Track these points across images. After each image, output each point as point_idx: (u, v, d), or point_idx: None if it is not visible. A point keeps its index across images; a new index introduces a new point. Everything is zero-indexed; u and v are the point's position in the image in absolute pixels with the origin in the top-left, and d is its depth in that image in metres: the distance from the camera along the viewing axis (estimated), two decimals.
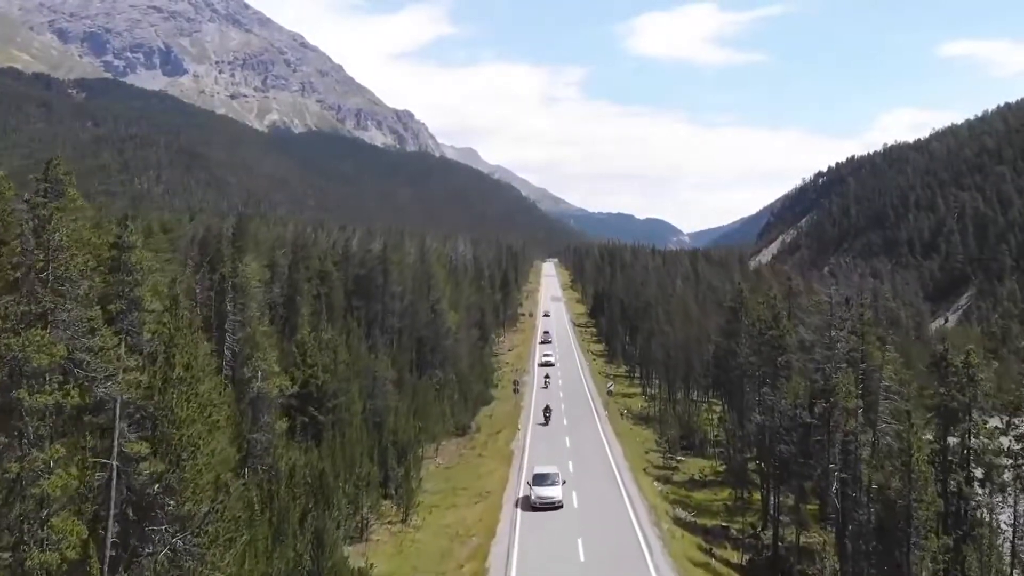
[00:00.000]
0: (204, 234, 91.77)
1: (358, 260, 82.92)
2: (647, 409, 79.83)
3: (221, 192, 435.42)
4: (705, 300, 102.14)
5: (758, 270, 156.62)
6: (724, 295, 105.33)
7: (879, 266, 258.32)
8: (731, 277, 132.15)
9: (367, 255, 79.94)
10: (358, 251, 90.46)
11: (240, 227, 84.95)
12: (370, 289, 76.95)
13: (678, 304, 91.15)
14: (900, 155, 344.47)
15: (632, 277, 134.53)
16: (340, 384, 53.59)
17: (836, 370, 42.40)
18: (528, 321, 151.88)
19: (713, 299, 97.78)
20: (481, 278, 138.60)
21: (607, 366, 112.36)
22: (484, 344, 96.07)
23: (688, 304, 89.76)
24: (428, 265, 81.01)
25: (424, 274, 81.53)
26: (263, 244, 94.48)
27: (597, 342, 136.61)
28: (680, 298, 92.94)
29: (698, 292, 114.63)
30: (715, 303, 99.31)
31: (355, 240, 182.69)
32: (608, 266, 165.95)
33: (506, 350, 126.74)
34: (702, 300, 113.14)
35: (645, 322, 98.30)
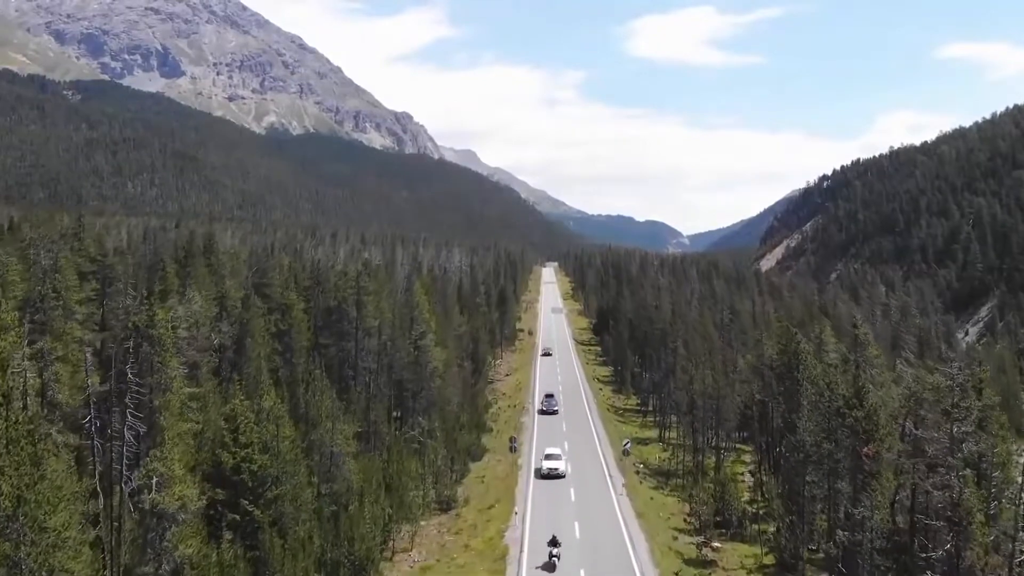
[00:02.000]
0: (153, 259, 79.04)
1: (332, 285, 70.14)
2: (667, 462, 67.20)
3: (215, 195, 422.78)
4: (729, 329, 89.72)
5: (774, 283, 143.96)
6: (752, 329, 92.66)
7: (891, 274, 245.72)
8: (750, 294, 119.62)
9: (342, 280, 67.21)
10: (332, 275, 77.64)
11: (191, 249, 72.15)
12: (342, 324, 64.32)
13: (698, 335, 78.61)
14: (907, 158, 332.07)
15: (640, 294, 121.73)
16: (284, 467, 41.00)
17: (960, 480, 29.67)
18: (527, 340, 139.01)
19: (738, 330, 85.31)
20: (477, 294, 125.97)
21: (615, 396, 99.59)
22: (477, 379, 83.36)
23: (711, 336, 77.27)
24: (412, 295, 68.29)
25: (406, 304, 68.96)
26: (223, 266, 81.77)
27: (602, 364, 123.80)
28: (701, 328, 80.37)
29: (716, 315, 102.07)
30: (739, 332, 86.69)
31: (343, 250, 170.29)
32: (613, 280, 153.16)
33: (503, 375, 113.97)
34: (722, 324, 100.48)
35: (660, 352, 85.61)
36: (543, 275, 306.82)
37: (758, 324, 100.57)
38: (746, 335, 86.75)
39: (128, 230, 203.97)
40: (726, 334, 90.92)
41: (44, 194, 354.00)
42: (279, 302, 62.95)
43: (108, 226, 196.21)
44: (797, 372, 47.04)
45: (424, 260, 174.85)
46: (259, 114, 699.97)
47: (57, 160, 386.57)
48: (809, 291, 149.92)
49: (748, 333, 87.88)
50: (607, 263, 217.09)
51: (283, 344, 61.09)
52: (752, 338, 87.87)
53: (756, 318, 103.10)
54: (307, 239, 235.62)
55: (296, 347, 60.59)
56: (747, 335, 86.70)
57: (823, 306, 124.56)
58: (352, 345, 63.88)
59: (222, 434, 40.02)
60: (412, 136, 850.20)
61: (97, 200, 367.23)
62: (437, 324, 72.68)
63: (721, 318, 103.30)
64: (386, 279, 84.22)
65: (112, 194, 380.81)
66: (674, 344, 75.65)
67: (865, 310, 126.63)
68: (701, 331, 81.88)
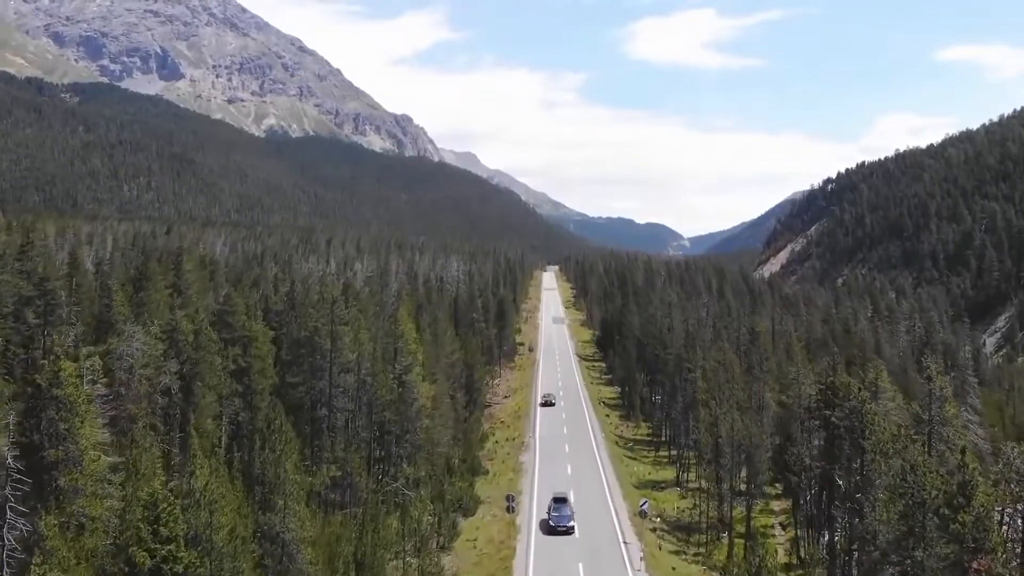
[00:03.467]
0: (134, 273, 69.72)
1: (306, 313, 61.01)
2: (687, 513, 58.23)
3: (212, 198, 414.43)
4: (748, 352, 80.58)
5: (788, 296, 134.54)
6: (772, 350, 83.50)
7: (901, 281, 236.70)
8: (765, 308, 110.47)
9: (316, 307, 58.13)
10: (309, 296, 68.54)
11: (145, 271, 63.10)
12: (314, 358, 55.33)
13: (716, 361, 69.60)
14: (914, 161, 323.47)
15: (647, 309, 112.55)
16: (220, 563, 32.06)
17: None
18: (527, 357, 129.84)
19: (759, 355, 76.14)
20: (474, 309, 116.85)
21: (623, 423, 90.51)
22: (472, 410, 74.20)
23: (731, 365, 68.21)
24: (397, 323, 59.11)
25: (390, 334, 59.91)
26: (189, 286, 72.74)
27: (607, 383, 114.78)
28: (719, 354, 71.25)
29: (732, 332, 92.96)
30: (759, 356, 77.48)
31: (336, 260, 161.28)
32: (618, 291, 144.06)
33: (501, 396, 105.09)
34: (738, 343, 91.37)
35: (675, 379, 76.53)
36: (544, 280, 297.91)
37: (778, 345, 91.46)
38: (767, 359, 77.55)
39: (116, 237, 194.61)
40: (745, 358, 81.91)
41: (39, 197, 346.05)
42: (239, 334, 53.90)
43: (93, 233, 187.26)
44: (861, 437, 37.81)
45: (420, 270, 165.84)
46: (258, 116, 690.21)
47: (53, 163, 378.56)
48: (824, 301, 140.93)
49: (770, 357, 78.66)
50: (610, 270, 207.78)
51: (245, 384, 52.07)
52: (774, 362, 78.73)
53: (775, 337, 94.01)
54: (301, 245, 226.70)
55: (258, 388, 51.58)
56: (768, 359, 77.48)
57: (843, 320, 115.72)
58: (325, 383, 54.85)
59: (138, 527, 30.95)
60: (412, 138, 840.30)
61: (93, 204, 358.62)
62: (425, 354, 63.60)
63: (737, 337, 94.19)
64: (370, 300, 75.16)
65: (108, 197, 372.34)
66: (691, 374, 66.70)
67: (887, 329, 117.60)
68: (719, 358, 72.82)
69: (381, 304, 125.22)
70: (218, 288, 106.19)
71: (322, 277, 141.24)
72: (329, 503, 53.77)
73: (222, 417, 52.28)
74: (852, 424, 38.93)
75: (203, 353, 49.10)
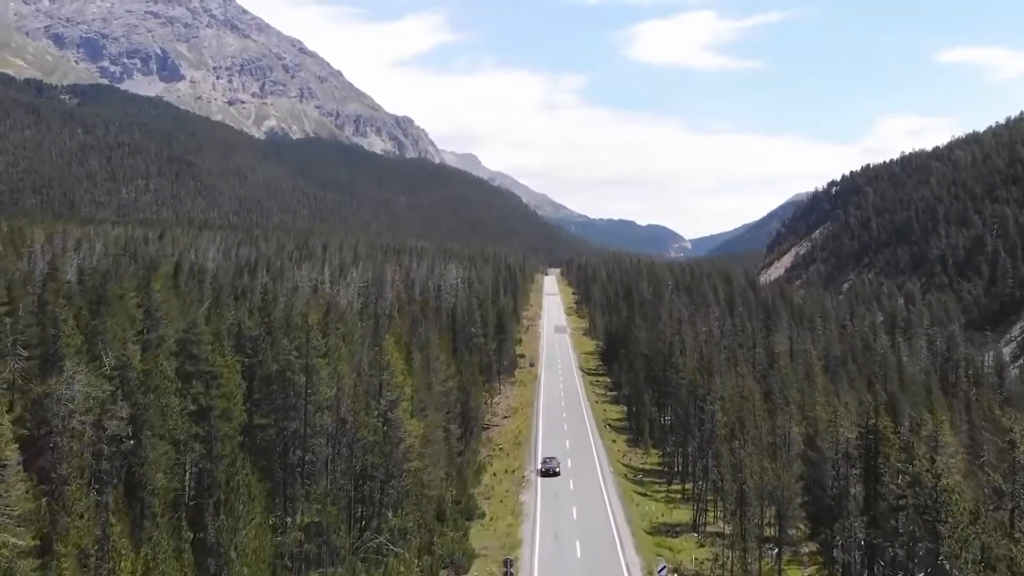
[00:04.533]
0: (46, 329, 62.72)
1: (282, 340, 54.22)
2: (708, 568, 51.48)
3: (211, 201, 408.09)
4: (767, 376, 73.87)
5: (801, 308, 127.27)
6: (792, 374, 76.66)
7: (910, 287, 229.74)
8: (781, 324, 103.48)
9: (292, 334, 51.46)
10: (290, 319, 61.81)
11: (101, 295, 56.35)
12: (287, 395, 48.67)
13: (741, 398, 62.85)
14: (920, 164, 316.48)
15: (656, 325, 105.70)
16: None
17: None
18: (528, 372, 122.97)
19: (779, 380, 69.44)
20: (472, 323, 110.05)
21: (630, 450, 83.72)
22: (468, 442, 67.28)
23: (753, 396, 61.35)
24: (382, 353, 52.17)
25: (374, 365, 53.07)
26: (158, 308, 66.00)
27: (612, 401, 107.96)
28: (737, 382, 64.39)
29: (746, 350, 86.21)
30: (779, 381, 70.80)
31: (330, 269, 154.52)
32: (623, 302, 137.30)
33: (501, 417, 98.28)
34: (754, 363, 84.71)
35: (689, 408, 69.78)
36: (545, 285, 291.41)
37: (796, 364, 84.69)
38: (789, 387, 70.82)
39: (107, 242, 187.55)
40: (763, 381, 75.31)
41: (36, 200, 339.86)
42: (204, 370, 47.18)
43: (83, 238, 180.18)
44: (935, 518, 30.92)
45: (417, 277, 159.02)
46: (259, 118, 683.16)
47: (51, 165, 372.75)
48: (838, 310, 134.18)
49: (791, 384, 71.78)
50: (613, 277, 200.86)
51: (207, 427, 45.34)
52: (795, 388, 71.91)
53: (793, 355, 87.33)
54: (297, 251, 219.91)
55: (220, 434, 44.85)
56: (790, 387, 70.68)
57: (862, 335, 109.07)
58: (299, 424, 48.16)
59: None
60: (413, 140, 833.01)
61: (90, 206, 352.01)
62: (416, 382, 56.81)
63: (753, 356, 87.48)
64: (357, 321, 68.33)
65: (106, 200, 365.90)
66: (709, 407, 59.95)
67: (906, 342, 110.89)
68: (738, 385, 66.19)
69: (375, 315, 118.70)
70: (205, 302, 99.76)
71: (314, 287, 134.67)
72: (304, 557, 47.13)
73: (185, 466, 45.65)
74: (922, 502, 32.15)
75: (157, 394, 42.45)
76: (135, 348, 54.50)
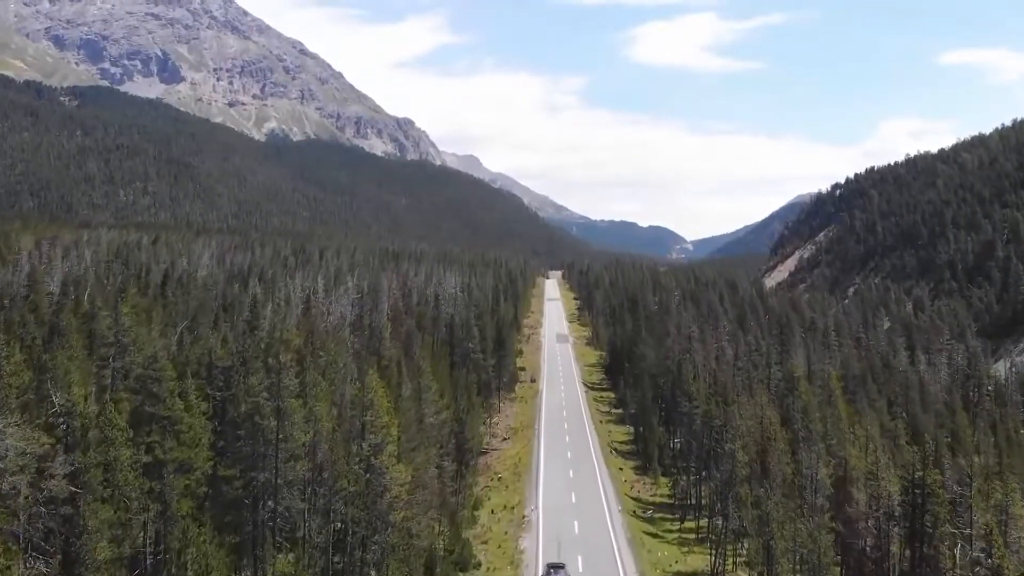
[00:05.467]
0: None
1: (257, 372, 48.26)
2: None
3: (210, 204, 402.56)
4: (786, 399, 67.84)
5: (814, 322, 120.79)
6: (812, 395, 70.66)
7: (918, 292, 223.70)
8: (799, 341, 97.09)
9: (263, 377, 45.57)
10: (273, 339, 55.91)
11: (57, 326, 50.40)
12: (255, 442, 42.80)
13: (762, 434, 56.84)
14: (926, 166, 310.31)
15: (663, 340, 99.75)
16: None
17: None
18: (529, 388, 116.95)
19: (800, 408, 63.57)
20: (470, 338, 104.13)
21: (638, 480, 77.66)
22: (462, 477, 61.22)
23: (777, 439, 55.24)
24: (367, 391, 46.00)
25: (357, 404, 47.04)
26: (126, 332, 60.08)
27: (617, 420, 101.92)
28: (767, 427, 58.11)
29: (761, 369, 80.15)
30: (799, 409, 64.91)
31: (324, 278, 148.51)
32: (628, 315, 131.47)
33: (500, 439, 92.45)
34: (769, 384, 78.71)
35: (703, 440, 63.89)
36: (546, 289, 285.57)
37: (814, 386, 78.65)
38: (810, 414, 64.87)
39: (97, 249, 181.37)
40: (781, 404, 69.34)
41: (34, 203, 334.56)
42: (159, 415, 41.34)
43: (72, 246, 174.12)
44: None
45: (415, 286, 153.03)
46: (259, 120, 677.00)
47: (48, 168, 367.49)
48: (850, 322, 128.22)
49: (814, 415, 65.66)
50: (616, 284, 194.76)
51: (161, 483, 39.45)
52: (818, 418, 65.89)
53: (811, 376, 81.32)
54: (293, 257, 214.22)
55: (176, 491, 38.90)
56: (813, 419, 64.66)
57: (883, 355, 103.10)
58: (270, 474, 42.34)
59: None
60: (414, 142, 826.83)
61: (88, 209, 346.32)
62: (405, 420, 50.86)
63: (768, 376, 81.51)
64: (342, 348, 62.35)
65: (103, 203, 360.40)
66: (728, 445, 53.99)
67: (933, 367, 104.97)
68: (757, 415, 60.29)
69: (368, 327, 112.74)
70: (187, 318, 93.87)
71: (306, 298, 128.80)
72: None
73: (142, 526, 39.78)
74: None
75: (105, 446, 36.64)
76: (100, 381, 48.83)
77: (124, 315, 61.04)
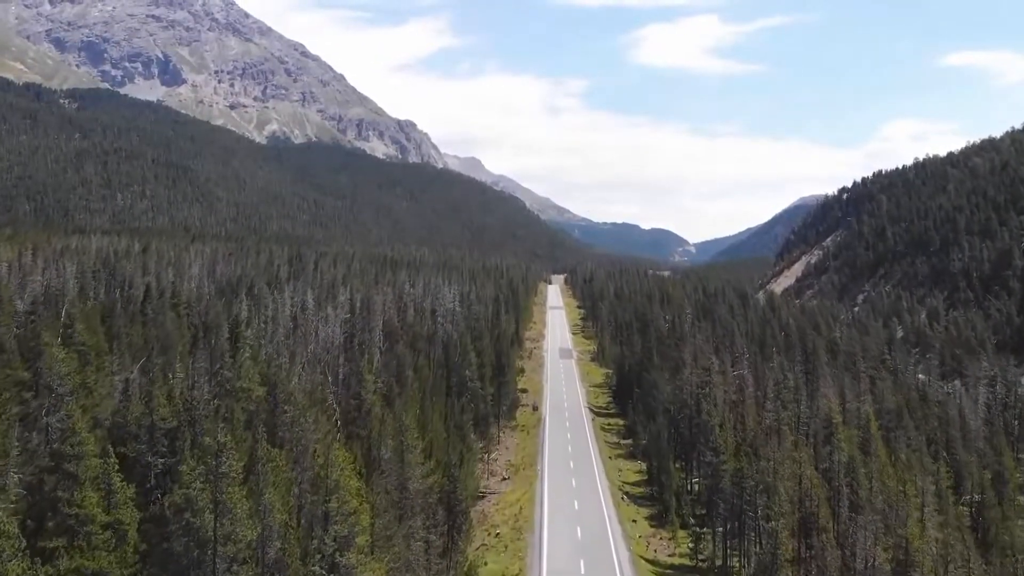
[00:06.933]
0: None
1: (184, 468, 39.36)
2: None
3: (208, 208, 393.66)
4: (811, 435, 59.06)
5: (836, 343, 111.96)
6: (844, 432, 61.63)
7: (932, 302, 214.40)
8: (819, 364, 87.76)
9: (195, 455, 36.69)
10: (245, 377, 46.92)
11: None
12: (189, 543, 33.91)
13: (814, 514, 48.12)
14: (935, 170, 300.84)
15: (677, 368, 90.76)
16: None
17: None
18: (531, 415, 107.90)
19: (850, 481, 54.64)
20: (468, 364, 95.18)
21: (654, 533, 68.53)
22: (451, 555, 51.84)
23: (820, 502, 46.61)
24: (328, 467, 36.85)
25: (320, 487, 37.76)
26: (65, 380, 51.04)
27: (627, 454, 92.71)
28: (808, 489, 49.52)
29: (790, 416, 70.87)
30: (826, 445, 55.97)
31: (315, 293, 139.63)
32: (638, 336, 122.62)
33: (500, 479, 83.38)
34: (797, 425, 69.82)
35: (735, 502, 55.03)
36: (549, 296, 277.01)
37: (850, 426, 69.70)
38: (856, 476, 55.86)
39: (80, 259, 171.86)
40: (815, 447, 60.49)
41: (30, 207, 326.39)
42: (67, 513, 32.49)
43: (51, 256, 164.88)
44: None
45: (411, 300, 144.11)
46: (261, 122, 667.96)
47: (45, 172, 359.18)
48: (874, 344, 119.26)
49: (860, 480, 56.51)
50: (622, 295, 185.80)
51: None
52: (866, 479, 56.83)
53: (847, 416, 72.35)
54: (288, 265, 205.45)
55: None
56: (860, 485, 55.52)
57: (919, 388, 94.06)
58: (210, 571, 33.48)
59: None
60: (416, 144, 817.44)
61: (84, 214, 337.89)
62: (377, 507, 41.81)
63: (797, 415, 72.45)
64: (316, 403, 53.47)
65: (100, 207, 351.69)
66: (771, 525, 45.14)
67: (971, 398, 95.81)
68: (795, 473, 51.45)
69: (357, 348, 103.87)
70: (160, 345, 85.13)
71: (293, 316, 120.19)
72: None
73: None
74: None
75: None
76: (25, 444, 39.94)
77: (61, 360, 52.08)
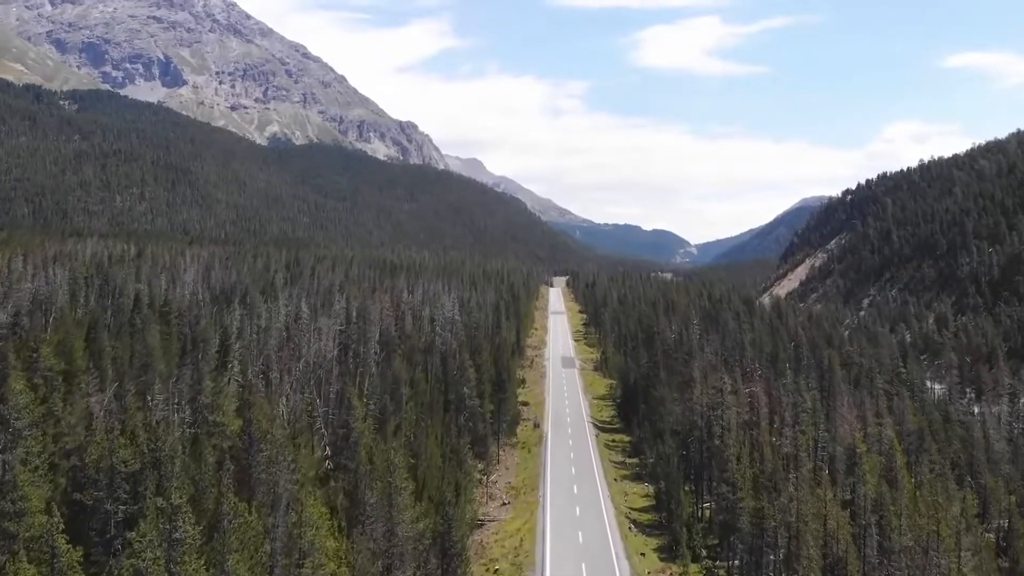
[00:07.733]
0: None
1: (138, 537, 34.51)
2: None
3: (208, 210, 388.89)
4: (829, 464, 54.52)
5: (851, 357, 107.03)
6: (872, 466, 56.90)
7: (941, 308, 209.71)
8: (835, 383, 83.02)
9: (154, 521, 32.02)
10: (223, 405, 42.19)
11: None
12: None
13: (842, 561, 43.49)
14: (941, 173, 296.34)
15: (687, 384, 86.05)
16: None
17: None
18: (532, 433, 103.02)
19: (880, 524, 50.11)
20: (466, 380, 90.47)
21: (666, 569, 63.90)
22: None
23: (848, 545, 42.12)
24: (307, 532, 32.22)
25: (292, 549, 33.15)
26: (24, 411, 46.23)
27: (634, 477, 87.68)
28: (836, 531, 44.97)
29: (807, 441, 66.01)
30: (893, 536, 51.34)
31: (309, 303, 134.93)
32: (644, 348, 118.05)
33: (500, 503, 78.57)
34: (815, 450, 65.19)
35: (755, 543, 50.40)
36: (550, 300, 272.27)
37: (871, 453, 64.95)
38: (880, 504, 51.25)
39: (72, 265, 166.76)
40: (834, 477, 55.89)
41: (28, 209, 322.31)
42: None
43: (41, 261, 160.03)
44: None
45: (410, 309, 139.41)
46: (262, 124, 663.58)
47: (44, 174, 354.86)
48: (887, 355, 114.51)
49: (887, 505, 52.01)
50: (626, 302, 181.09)
51: None
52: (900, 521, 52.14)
53: (868, 442, 67.66)
54: (286, 270, 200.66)
55: None
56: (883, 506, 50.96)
57: (940, 406, 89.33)
58: None
59: None
60: (417, 145, 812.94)
61: (83, 216, 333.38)
62: (360, 565, 37.08)
63: (816, 439, 67.70)
64: (300, 437, 48.77)
65: (99, 209, 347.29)
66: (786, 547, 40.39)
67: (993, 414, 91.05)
68: (819, 513, 46.82)
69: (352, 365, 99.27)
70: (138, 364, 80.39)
71: (284, 326, 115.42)
72: None
73: None
74: None
75: None
76: None
77: (19, 392, 47.29)
